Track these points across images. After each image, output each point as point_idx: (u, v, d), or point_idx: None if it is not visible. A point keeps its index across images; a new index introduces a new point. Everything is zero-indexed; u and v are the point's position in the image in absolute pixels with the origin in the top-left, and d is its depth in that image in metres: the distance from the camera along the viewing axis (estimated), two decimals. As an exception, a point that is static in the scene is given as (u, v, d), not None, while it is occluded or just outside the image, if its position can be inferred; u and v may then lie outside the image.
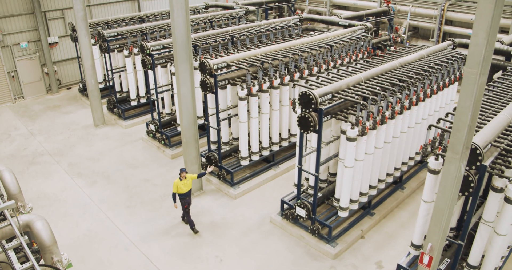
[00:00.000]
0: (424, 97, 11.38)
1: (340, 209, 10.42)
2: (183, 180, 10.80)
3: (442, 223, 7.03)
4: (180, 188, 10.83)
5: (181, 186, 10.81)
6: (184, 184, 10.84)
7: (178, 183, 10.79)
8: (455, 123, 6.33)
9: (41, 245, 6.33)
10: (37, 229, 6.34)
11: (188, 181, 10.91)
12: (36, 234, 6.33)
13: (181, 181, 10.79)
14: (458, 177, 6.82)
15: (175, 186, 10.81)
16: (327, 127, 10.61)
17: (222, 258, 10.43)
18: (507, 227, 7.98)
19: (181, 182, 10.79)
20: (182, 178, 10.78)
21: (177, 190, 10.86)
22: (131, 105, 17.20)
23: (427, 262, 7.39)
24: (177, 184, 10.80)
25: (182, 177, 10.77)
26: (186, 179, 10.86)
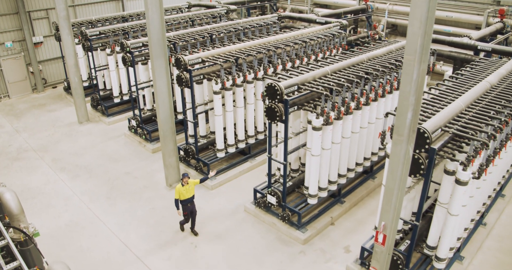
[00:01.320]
0: (391, 89, 11.88)
1: (309, 196, 10.90)
2: (185, 185, 10.43)
3: (393, 202, 7.51)
4: (182, 194, 10.47)
5: (183, 192, 10.45)
6: (186, 190, 10.47)
7: (180, 189, 10.42)
8: (398, 107, 6.83)
9: (9, 214, 6.89)
10: (6, 199, 6.89)
11: (190, 187, 10.52)
12: (5, 204, 6.82)
13: (183, 186, 10.42)
14: (407, 159, 7.32)
15: (177, 192, 10.46)
16: (297, 118, 11.11)
17: (197, 245, 10.89)
18: (459, 208, 8.48)
19: (183, 188, 10.42)
20: (184, 183, 10.41)
21: (179, 196, 10.52)
22: (114, 102, 17.62)
23: (382, 241, 7.88)
24: (179, 190, 10.43)
25: (184, 182, 10.40)
26: (188, 185, 10.48)
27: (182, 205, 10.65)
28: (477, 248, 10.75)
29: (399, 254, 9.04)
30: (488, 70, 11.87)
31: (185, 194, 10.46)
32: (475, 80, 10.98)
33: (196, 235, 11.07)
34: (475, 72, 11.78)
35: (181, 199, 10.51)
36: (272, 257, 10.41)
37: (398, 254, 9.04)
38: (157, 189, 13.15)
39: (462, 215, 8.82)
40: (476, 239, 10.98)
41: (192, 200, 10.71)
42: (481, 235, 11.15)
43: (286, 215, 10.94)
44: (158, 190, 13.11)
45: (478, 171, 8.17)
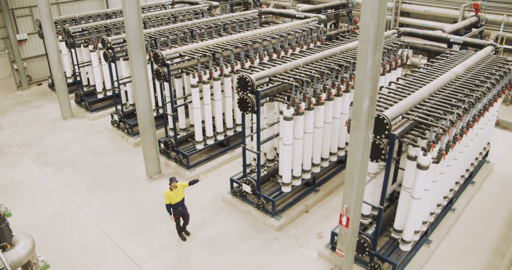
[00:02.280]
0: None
1: (283, 185, 11.27)
2: (174, 189, 10.22)
3: (354, 186, 7.88)
4: (172, 198, 10.26)
5: (172, 196, 10.23)
6: (176, 193, 10.26)
7: (169, 193, 10.22)
8: (355, 94, 7.20)
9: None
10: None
11: (179, 190, 10.32)
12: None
13: (171, 191, 10.22)
14: (367, 144, 7.69)
15: (167, 197, 10.24)
16: (271, 110, 11.46)
17: (174, 233, 11.22)
18: (421, 192, 8.87)
19: (171, 192, 10.21)
20: (173, 187, 10.18)
21: (169, 201, 10.32)
22: (98, 98, 17.89)
23: (345, 223, 8.25)
24: (168, 194, 10.22)
25: (172, 186, 10.17)
26: (177, 188, 10.27)
27: (173, 209, 10.47)
28: (445, 232, 11.17)
29: (366, 238, 9.44)
30: (457, 61, 12.26)
31: (175, 198, 10.27)
32: (442, 70, 11.36)
33: (188, 235, 11.04)
34: (443, 63, 12.17)
35: (172, 203, 10.34)
36: (247, 243, 10.78)
37: (365, 238, 9.44)
38: (138, 181, 13.47)
39: (426, 199, 9.22)
40: (444, 224, 11.40)
41: (183, 203, 10.55)
42: (450, 220, 11.57)
43: (261, 203, 11.31)
44: (139, 182, 13.43)
45: (437, 156, 8.53)
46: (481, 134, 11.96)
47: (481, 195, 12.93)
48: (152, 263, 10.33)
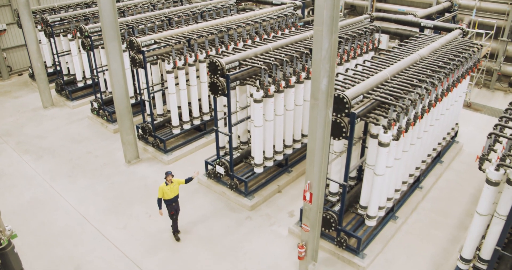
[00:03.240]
0: (333, 64, 12.58)
1: (255, 165, 11.63)
2: (169, 184, 9.98)
3: (316, 162, 8.25)
4: (166, 193, 10.00)
5: (167, 191, 9.98)
6: (171, 189, 10.01)
7: (164, 187, 9.94)
8: (313, 73, 7.53)
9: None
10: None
11: (174, 186, 10.08)
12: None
13: (167, 185, 9.96)
14: (327, 122, 8.06)
15: (161, 191, 9.98)
16: (243, 93, 11.78)
17: (151, 214, 11.58)
18: (383, 168, 9.28)
19: (167, 187, 9.95)
20: (168, 182, 9.93)
21: (163, 195, 10.06)
22: (78, 86, 18.07)
23: (309, 199, 8.63)
24: (163, 189, 9.94)
25: (168, 181, 9.91)
26: (173, 184, 10.04)
27: (167, 205, 10.22)
28: (412, 209, 11.63)
29: (333, 214, 9.85)
30: (424, 44, 12.63)
31: (169, 194, 10.02)
32: (408, 53, 11.73)
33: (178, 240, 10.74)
34: (411, 46, 12.53)
35: (165, 198, 10.08)
36: (220, 222, 11.16)
37: (332, 214, 9.85)
38: (116, 166, 13.77)
39: (389, 176, 9.62)
40: (412, 201, 11.85)
41: (177, 200, 10.31)
42: (417, 197, 12.02)
43: (234, 184, 11.68)
44: (117, 167, 13.72)
45: (397, 134, 8.90)
46: (447, 114, 12.38)
47: (449, 174, 13.41)
48: (128, 243, 10.67)
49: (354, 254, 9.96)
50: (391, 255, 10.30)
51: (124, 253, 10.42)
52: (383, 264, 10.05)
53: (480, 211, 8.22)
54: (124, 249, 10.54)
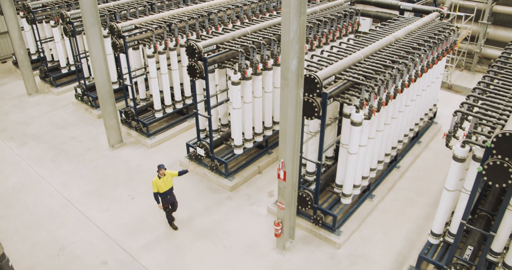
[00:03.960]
0: (311, 46, 12.76)
1: (235, 147, 11.87)
2: (162, 177, 9.85)
3: (288, 141, 8.48)
4: (160, 187, 9.90)
5: (160, 185, 9.87)
6: (164, 182, 9.89)
7: (157, 181, 9.83)
8: (282, 54, 7.73)
9: None
10: None
11: (168, 179, 9.96)
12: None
13: (159, 178, 9.84)
14: (298, 102, 8.28)
15: (155, 185, 9.87)
16: (222, 76, 11.96)
17: (133, 196, 11.81)
18: (356, 147, 9.53)
19: (160, 180, 9.83)
20: (161, 175, 9.80)
21: (157, 189, 9.98)
22: (62, 73, 18.12)
23: (283, 177, 8.89)
24: (156, 182, 9.83)
25: (160, 174, 9.78)
26: (166, 176, 9.90)
27: (162, 198, 10.12)
28: (389, 188, 11.94)
29: (308, 192, 10.12)
30: (401, 26, 12.81)
31: (163, 187, 9.90)
32: (384, 35, 11.92)
33: (176, 229, 10.68)
34: (387, 28, 12.71)
35: (160, 191, 10.00)
36: (201, 203, 11.42)
37: (307, 192, 10.12)
38: (100, 151, 13.95)
39: (362, 154, 9.87)
40: (389, 180, 12.16)
41: (172, 192, 10.23)
42: (394, 176, 12.33)
43: (214, 165, 11.92)
44: (101, 151, 13.91)
45: (368, 113, 9.13)
46: (424, 95, 12.64)
47: (427, 154, 13.72)
48: (111, 225, 10.91)
49: (330, 232, 10.26)
50: (367, 232, 10.62)
51: (107, 234, 10.66)
52: (359, 241, 10.36)
53: (447, 187, 8.50)
54: (107, 230, 10.78)
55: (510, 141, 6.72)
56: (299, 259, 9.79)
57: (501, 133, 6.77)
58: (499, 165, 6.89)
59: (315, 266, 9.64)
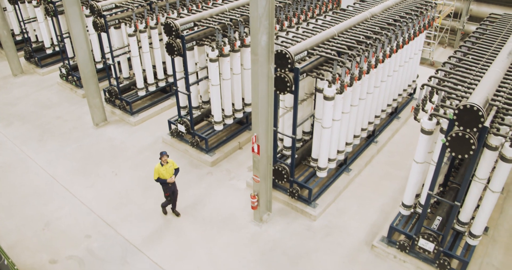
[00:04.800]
0: (290, 23, 12.89)
1: (215, 123, 12.12)
2: (165, 165, 9.71)
3: (260, 115, 8.71)
4: (162, 174, 9.71)
5: (162, 172, 9.69)
6: (166, 170, 9.73)
7: (159, 168, 9.68)
8: (251, 30, 7.90)
9: None
10: None
11: (170, 167, 9.82)
12: None
13: (162, 166, 9.69)
14: (270, 77, 8.48)
15: (156, 173, 9.71)
16: (202, 54, 12.12)
17: (117, 173, 12.09)
18: (330, 121, 9.77)
19: (162, 168, 9.66)
20: (163, 162, 9.67)
21: (158, 176, 9.82)
22: (47, 53, 18.18)
23: (257, 150, 9.15)
24: (158, 170, 9.68)
25: (163, 161, 9.65)
26: (168, 164, 9.77)
27: (164, 187, 10.05)
28: (366, 162, 12.25)
29: (284, 166, 10.41)
30: (380, 2, 12.93)
31: (165, 175, 9.75)
32: (361, 11, 12.05)
33: (178, 216, 10.62)
34: (365, 5, 12.84)
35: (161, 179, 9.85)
36: (182, 178, 11.69)
37: (283, 166, 10.41)
38: (85, 129, 14.17)
39: (336, 129, 10.12)
40: (366, 155, 12.47)
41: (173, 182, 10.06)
42: (372, 151, 12.64)
43: (195, 141, 12.19)
44: (85, 130, 14.13)
45: (340, 88, 9.35)
46: (402, 71, 12.86)
47: (406, 129, 14.00)
48: (95, 200, 11.21)
49: (306, 204, 10.59)
50: (343, 205, 10.96)
51: (91, 210, 10.96)
52: (335, 213, 10.71)
53: (416, 159, 8.77)
54: (91, 206, 11.08)
55: (471, 113, 6.98)
56: (276, 231, 10.14)
57: (462, 105, 7.03)
58: (461, 136, 7.16)
59: (291, 237, 9.99)
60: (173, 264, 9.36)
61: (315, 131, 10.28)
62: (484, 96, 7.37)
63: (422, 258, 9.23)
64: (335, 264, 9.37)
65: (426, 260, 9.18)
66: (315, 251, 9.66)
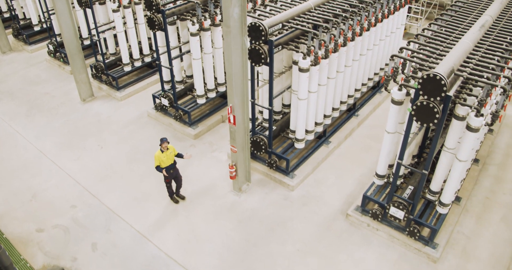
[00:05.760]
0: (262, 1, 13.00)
1: (198, 97, 12.35)
2: (165, 152, 9.51)
3: (235, 87, 8.95)
4: (163, 161, 9.54)
5: (163, 159, 9.51)
6: (167, 156, 9.55)
7: (160, 155, 9.47)
8: (222, 2, 8.07)
9: None
10: None
11: (170, 153, 9.64)
12: None
13: (162, 153, 9.50)
14: (244, 49, 8.68)
15: (157, 159, 9.51)
16: (184, 28, 12.27)
17: (103, 146, 12.39)
18: (305, 93, 9.98)
19: (162, 155, 9.48)
20: (164, 149, 9.45)
21: (159, 163, 9.62)
22: (35, 30, 18.29)
23: (233, 121, 9.41)
24: (159, 157, 9.47)
25: (163, 148, 9.43)
26: (169, 151, 9.57)
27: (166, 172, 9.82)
28: (346, 135, 12.52)
29: (263, 137, 10.70)
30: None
31: (165, 161, 9.58)
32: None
33: (183, 199, 10.61)
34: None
35: (161, 166, 9.65)
36: (166, 151, 12.00)
37: (261, 137, 10.70)
38: (72, 105, 14.42)
39: (313, 100, 10.34)
40: (347, 128, 12.73)
41: (175, 166, 9.93)
42: (352, 124, 12.90)
43: (178, 114, 12.46)
44: (73, 105, 14.38)
45: (314, 59, 9.55)
46: (383, 45, 13.00)
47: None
48: (81, 172, 11.53)
49: (285, 175, 10.91)
50: (321, 176, 11.28)
51: (77, 181, 11.29)
52: (312, 183, 11.04)
53: (388, 129, 9.06)
54: (77, 178, 11.40)
55: (434, 82, 7.21)
56: (254, 200, 10.48)
57: (426, 75, 7.26)
58: (426, 105, 7.42)
59: (268, 207, 10.33)
60: (153, 232, 9.72)
61: (292, 102, 10.51)
62: (449, 67, 7.59)
63: (394, 226, 9.56)
64: (310, 232, 9.72)
65: (398, 228, 9.51)
66: (291, 220, 10.01)
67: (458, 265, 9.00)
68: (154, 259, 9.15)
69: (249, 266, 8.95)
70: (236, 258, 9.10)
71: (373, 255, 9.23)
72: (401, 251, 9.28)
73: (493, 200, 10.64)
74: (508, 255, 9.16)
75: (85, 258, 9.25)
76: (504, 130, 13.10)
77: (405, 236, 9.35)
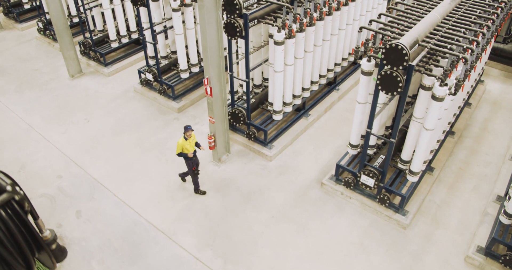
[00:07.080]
0: None
1: (181, 71, 12.67)
2: (189, 139, 9.42)
3: (211, 59, 9.27)
4: (186, 149, 9.43)
5: (186, 146, 9.41)
6: (190, 144, 9.46)
7: (184, 143, 9.33)
8: (195, -25, 8.35)
9: None
10: None
11: (193, 141, 9.58)
12: None
13: (186, 140, 9.40)
14: (218, 22, 8.98)
15: (180, 147, 9.36)
16: (167, 4, 12.52)
17: (89, 120, 12.77)
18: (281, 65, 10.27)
19: (186, 142, 9.38)
20: (188, 137, 9.34)
21: (182, 150, 9.47)
22: (25, 8, 18.51)
23: (210, 93, 9.76)
24: (183, 144, 9.33)
25: (187, 136, 9.32)
26: (192, 138, 9.49)
27: (187, 161, 9.70)
28: (326, 108, 12.86)
29: (241, 109, 11.05)
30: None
31: (189, 148, 9.49)
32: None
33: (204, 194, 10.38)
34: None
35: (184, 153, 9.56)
36: (150, 124, 12.39)
37: (240, 109, 11.05)
38: (61, 80, 14.75)
39: (289, 73, 10.65)
40: (327, 101, 13.07)
41: (195, 154, 9.74)
42: (333, 98, 13.23)
43: (162, 89, 12.80)
44: (61, 81, 14.72)
45: (288, 32, 9.84)
46: (363, 21, 13.23)
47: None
48: (68, 145, 11.93)
49: (263, 146, 11.29)
50: (299, 147, 11.66)
51: (64, 153, 11.69)
52: (290, 154, 11.43)
53: (358, 99, 9.38)
54: (64, 150, 11.80)
55: (396, 52, 7.53)
56: (233, 170, 10.89)
57: (388, 44, 7.58)
58: (389, 74, 7.75)
59: (247, 176, 10.75)
60: (135, 200, 10.16)
61: (269, 75, 10.82)
62: (413, 37, 7.89)
63: (366, 194, 9.97)
64: (285, 200, 10.15)
65: (370, 196, 9.92)
66: (268, 188, 10.43)
67: (426, 231, 9.42)
68: (135, 225, 9.60)
69: (225, 231, 9.39)
70: (213, 224, 9.55)
71: (345, 222, 9.65)
72: (373, 218, 9.70)
73: (466, 171, 11.02)
74: (476, 222, 9.56)
75: (70, 224, 9.70)
76: (482, 105, 13.43)
77: (376, 203, 9.76)
